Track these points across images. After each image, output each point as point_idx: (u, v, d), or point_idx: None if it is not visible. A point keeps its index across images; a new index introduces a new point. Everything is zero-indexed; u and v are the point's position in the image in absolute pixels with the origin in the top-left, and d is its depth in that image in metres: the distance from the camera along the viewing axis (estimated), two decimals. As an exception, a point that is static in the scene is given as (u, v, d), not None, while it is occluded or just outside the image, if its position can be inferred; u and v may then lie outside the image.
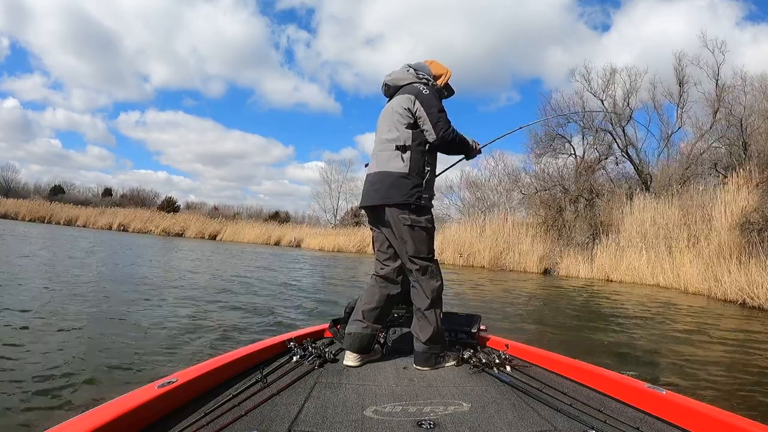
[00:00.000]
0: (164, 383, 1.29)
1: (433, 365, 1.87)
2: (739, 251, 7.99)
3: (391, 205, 1.90)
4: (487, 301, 6.93)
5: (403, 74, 2.08)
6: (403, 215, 1.88)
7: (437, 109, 1.93)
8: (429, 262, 1.94)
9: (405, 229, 1.89)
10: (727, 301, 7.85)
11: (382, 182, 1.93)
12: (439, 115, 1.92)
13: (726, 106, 14.01)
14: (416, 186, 1.89)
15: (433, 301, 1.92)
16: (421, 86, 1.99)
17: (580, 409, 1.36)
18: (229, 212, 37.99)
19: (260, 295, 6.07)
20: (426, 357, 1.87)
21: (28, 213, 31.72)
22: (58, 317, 3.84)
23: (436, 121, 1.91)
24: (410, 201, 1.88)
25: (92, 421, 1.03)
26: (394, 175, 1.90)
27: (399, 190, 1.88)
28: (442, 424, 1.27)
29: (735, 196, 8.86)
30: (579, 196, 15.35)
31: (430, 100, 1.94)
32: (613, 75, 16.54)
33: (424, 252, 1.92)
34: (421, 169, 1.92)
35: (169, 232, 27.90)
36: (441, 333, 1.91)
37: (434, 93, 2.00)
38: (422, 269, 1.92)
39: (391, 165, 1.92)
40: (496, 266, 14.49)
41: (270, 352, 1.88)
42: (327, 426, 1.25)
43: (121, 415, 1.09)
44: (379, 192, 1.93)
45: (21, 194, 37.45)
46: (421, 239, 1.91)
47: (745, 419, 1.20)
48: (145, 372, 2.66)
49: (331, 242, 22.36)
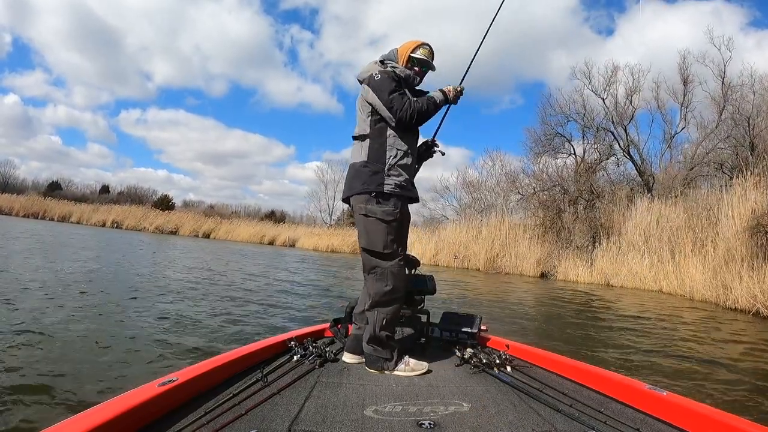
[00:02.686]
0: (165, 382, 1.29)
1: (381, 370, 1.80)
2: (750, 256, 7.44)
3: (353, 194, 1.88)
4: (475, 306, 6.43)
5: (369, 67, 2.02)
6: (360, 204, 1.85)
7: (387, 91, 1.86)
8: (382, 259, 1.83)
9: (360, 218, 1.85)
10: (737, 310, 7.29)
11: (348, 174, 1.96)
12: (390, 97, 1.85)
13: (733, 105, 13.51)
14: (375, 173, 1.84)
15: (376, 302, 1.83)
16: (374, 72, 1.94)
17: (581, 409, 1.37)
18: (226, 211, 37.98)
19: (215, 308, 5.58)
20: (372, 359, 1.82)
21: (22, 209, 31.84)
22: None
23: (389, 105, 1.85)
24: (370, 189, 1.83)
25: (93, 419, 1.02)
26: (355, 166, 1.92)
27: (360, 179, 1.87)
28: (442, 424, 1.27)
29: (744, 198, 8.32)
30: (579, 197, 14.83)
31: (380, 84, 1.88)
32: (615, 72, 16.04)
33: (378, 247, 1.82)
34: (380, 156, 1.87)
35: (163, 229, 28.05)
36: (381, 338, 1.82)
37: (387, 76, 1.91)
38: (372, 266, 1.85)
39: (354, 156, 1.95)
40: (492, 269, 14.05)
41: (270, 352, 1.87)
42: (327, 425, 1.25)
43: (122, 413, 1.08)
44: (346, 184, 1.95)
45: (18, 190, 37.56)
46: (375, 231, 1.82)
47: (745, 420, 1.19)
48: (144, 372, 2.63)
49: (325, 242, 22.34)
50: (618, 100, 15.95)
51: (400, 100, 1.84)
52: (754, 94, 13.25)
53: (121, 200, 36.60)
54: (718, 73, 14.52)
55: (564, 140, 16.36)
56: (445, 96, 1.99)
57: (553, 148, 16.27)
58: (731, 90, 13.97)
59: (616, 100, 15.96)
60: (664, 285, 10.26)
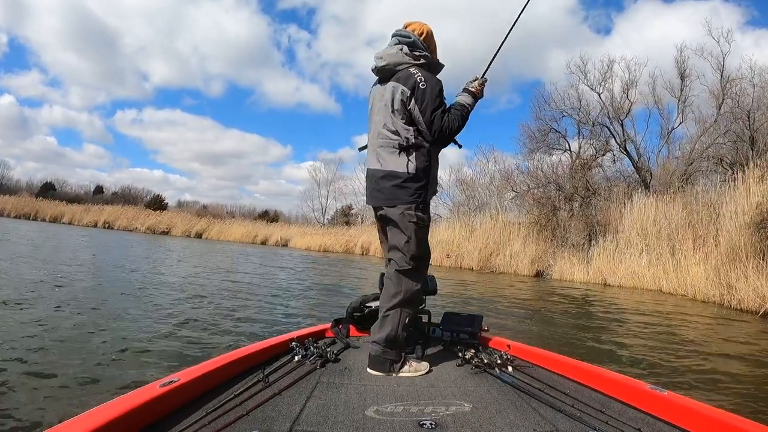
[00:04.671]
0: (166, 382, 1.28)
1: (387, 371, 1.76)
2: (755, 254, 7.01)
3: (401, 204, 1.85)
4: (468, 309, 6.02)
5: (397, 55, 1.91)
6: (408, 212, 1.84)
7: (432, 108, 1.81)
8: (421, 261, 1.88)
9: (409, 226, 1.84)
10: (743, 310, 6.87)
11: (385, 183, 1.87)
12: (433, 116, 1.82)
13: (732, 98, 13.14)
14: (422, 186, 1.86)
15: (404, 301, 1.83)
16: (417, 76, 1.84)
17: (582, 409, 1.36)
18: (221, 211, 37.81)
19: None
20: (380, 361, 1.78)
21: (13, 209, 31.77)
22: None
23: (429, 122, 1.82)
24: (417, 201, 1.85)
25: (94, 419, 1.02)
26: (401, 176, 1.84)
27: (406, 192, 1.84)
28: (443, 425, 1.27)
29: (747, 192, 7.90)
30: (574, 194, 14.44)
31: (427, 96, 1.81)
32: (611, 66, 15.64)
33: (422, 251, 1.88)
34: (426, 168, 1.87)
35: (155, 230, 27.97)
36: (399, 338, 1.81)
37: (432, 83, 1.84)
38: (407, 268, 1.84)
39: (394, 164, 1.86)
40: (486, 268, 13.66)
41: (272, 352, 1.87)
42: (329, 426, 1.24)
43: (123, 414, 1.08)
44: (384, 192, 1.88)
45: (13, 191, 37.31)
46: (422, 238, 1.87)
47: (747, 420, 1.19)
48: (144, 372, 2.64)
49: (317, 242, 22.04)
50: (614, 95, 15.58)
51: (440, 120, 1.82)
52: (754, 87, 12.89)
53: (114, 201, 36.31)
54: (716, 66, 14.15)
55: (559, 136, 15.99)
56: (474, 96, 1.95)
57: (547, 144, 15.88)
58: (730, 83, 13.58)
59: (612, 95, 15.58)
60: (664, 284, 9.87)
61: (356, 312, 2.31)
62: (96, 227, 28.10)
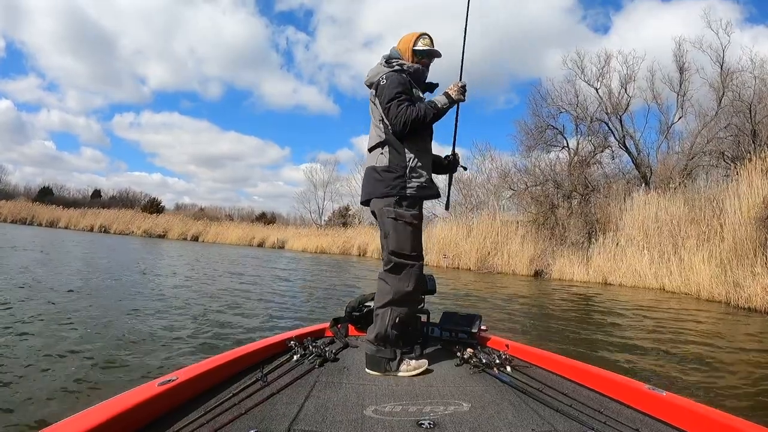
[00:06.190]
0: (165, 381, 1.28)
1: (383, 370, 1.78)
2: (763, 250, 6.72)
3: (376, 197, 1.90)
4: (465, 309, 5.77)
5: (377, 69, 2.03)
6: (387, 207, 1.86)
7: (387, 98, 1.88)
8: (408, 261, 1.85)
9: (389, 221, 1.86)
10: (751, 308, 6.57)
11: (367, 178, 1.96)
12: (388, 105, 1.87)
13: (733, 91, 12.86)
14: (398, 177, 1.87)
15: (392, 301, 1.84)
16: (381, 76, 1.95)
17: (580, 409, 1.36)
18: (219, 214, 37.59)
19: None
20: (375, 360, 1.80)
21: (10, 214, 31.79)
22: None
23: (387, 114, 1.88)
24: (393, 192, 1.86)
25: (93, 418, 1.02)
26: (376, 170, 1.91)
27: (383, 183, 1.88)
28: (442, 424, 1.27)
29: (751, 187, 7.62)
30: (573, 191, 14.15)
31: (385, 90, 1.90)
32: (609, 61, 15.36)
33: (407, 249, 1.85)
34: (401, 160, 1.89)
35: (151, 233, 27.80)
36: (390, 336, 1.82)
37: (392, 81, 1.91)
38: (395, 267, 1.85)
39: (372, 161, 1.95)
40: (483, 268, 13.39)
41: (270, 351, 1.86)
42: (327, 425, 1.24)
43: (122, 412, 1.08)
44: (367, 187, 1.96)
45: (10, 196, 37.21)
46: (404, 235, 1.85)
47: (745, 421, 1.18)
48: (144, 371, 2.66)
49: (314, 243, 21.83)
50: (612, 90, 15.29)
51: (395, 109, 1.84)
52: (755, 79, 12.62)
53: (112, 204, 36.14)
54: (716, 59, 13.89)
55: (556, 132, 15.71)
56: (449, 97, 1.95)
57: (545, 141, 15.59)
58: (731, 76, 13.31)
59: (610, 90, 15.29)
60: (667, 282, 9.59)
61: (355, 311, 2.32)
62: (92, 231, 28.05)
